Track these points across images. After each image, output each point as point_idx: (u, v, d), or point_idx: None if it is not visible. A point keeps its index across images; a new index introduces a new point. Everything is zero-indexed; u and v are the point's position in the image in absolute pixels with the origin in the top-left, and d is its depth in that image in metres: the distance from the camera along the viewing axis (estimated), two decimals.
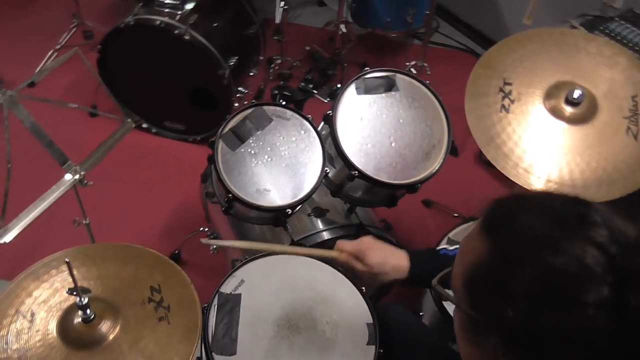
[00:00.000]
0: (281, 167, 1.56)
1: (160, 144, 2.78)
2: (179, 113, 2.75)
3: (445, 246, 1.28)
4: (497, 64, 1.68)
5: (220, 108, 2.59)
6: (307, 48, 3.14)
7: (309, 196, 1.54)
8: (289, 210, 1.53)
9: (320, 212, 1.84)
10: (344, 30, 2.95)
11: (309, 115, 1.62)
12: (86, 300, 1.04)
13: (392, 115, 1.67)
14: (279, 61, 3.07)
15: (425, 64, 2.88)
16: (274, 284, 1.42)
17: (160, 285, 1.17)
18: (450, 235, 1.72)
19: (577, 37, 1.75)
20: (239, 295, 1.39)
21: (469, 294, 0.68)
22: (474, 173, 2.58)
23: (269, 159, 1.56)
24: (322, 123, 1.66)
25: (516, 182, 1.54)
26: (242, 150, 1.55)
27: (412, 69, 2.95)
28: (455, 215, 2.41)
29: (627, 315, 0.55)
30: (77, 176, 1.39)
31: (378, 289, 1.84)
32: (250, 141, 1.56)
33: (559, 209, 0.65)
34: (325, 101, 2.12)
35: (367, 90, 1.67)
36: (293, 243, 1.73)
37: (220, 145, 1.53)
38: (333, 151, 1.64)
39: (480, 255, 0.67)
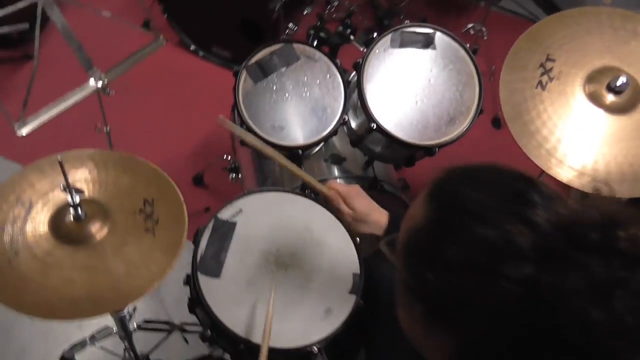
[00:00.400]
0: (300, 107, 1.56)
1: (205, 68, 2.81)
2: (228, 41, 2.75)
3: None
4: (544, 38, 1.60)
5: (267, 41, 2.57)
6: None
7: (321, 140, 1.54)
8: (300, 151, 1.53)
9: (337, 159, 1.84)
10: None
11: (338, 61, 1.59)
12: (77, 199, 1.09)
13: (423, 74, 1.62)
14: (336, 3, 3.00)
15: (484, 29, 2.76)
16: (270, 219, 1.44)
17: (154, 200, 1.21)
18: None
19: (638, 24, 1.63)
20: (234, 223, 1.43)
21: (404, 257, 0.68)
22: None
23: (289, 98, 1.56)
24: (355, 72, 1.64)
25: (535, 162, 1.49)
26: (264, 84, 1.55)
27: (471, 31, 2.83)
28: None
29: (538, 293, 0.55)
30: (100, 83, 1.43)
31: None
32: (274, 77, 1.56)
33: (503, 184, 0.64)
34: (361, 49, 2.07)
35: (403, 43, 1.62)
36: (303, 186, 1.75)
37: (244, 76, 1.54)
38: (358, 101, 1.62)
39: (420, 220, 0.67)
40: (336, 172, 1.85)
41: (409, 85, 1.61)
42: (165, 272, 1.11)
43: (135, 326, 1.59)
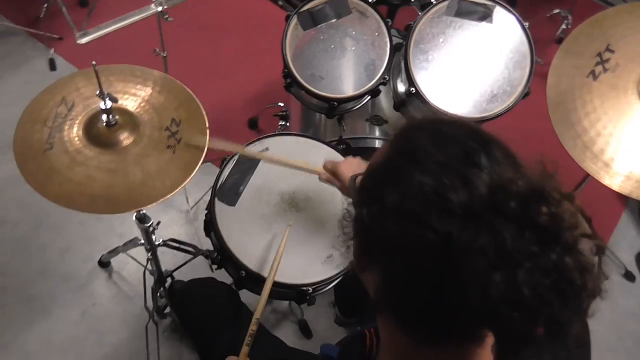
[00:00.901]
0: (342, 60, 1.59)
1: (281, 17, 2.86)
2: None
3: None
4: (608, 26, 1.53)
5: None
6: None
7: (356, 97, 1.57)
8: (335, 103, 1.57)
9: (378, 121, 1.86)
10: None
11: (389, 20, 1.60)
12: (109, 105, 1.19)
13: (474, 46, 1.60)
14: None
15: (570, 16, 2.63)
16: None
17: (182, 121, 1.29)
18: None
19: None
20: (258, 160, 1.50)
21: (356, 193, 0.72)
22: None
23: (334, 49, 1.59)
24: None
25: (569, 152, 1.45)
26: (313, 32, 1.59)
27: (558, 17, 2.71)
28: None
29: (451, 248, 0.57)
30: (159, 7, 1.52)
31: None
32: (323, 26, 1.59)
33: (458, 141, 0.65)
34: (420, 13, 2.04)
35: (459, 12, 1.60)
36: (340, 140, 1.79)
37: (294, 22, 1.58)
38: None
39: (377, 160, 0.70)
40: (377, 133, 1.87)
41: (457, 55, 1.59)
42: (175, 188, 1.19)
43: (161, 241, 1.71)
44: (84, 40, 1.41)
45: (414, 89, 1.56)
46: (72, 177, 1.18)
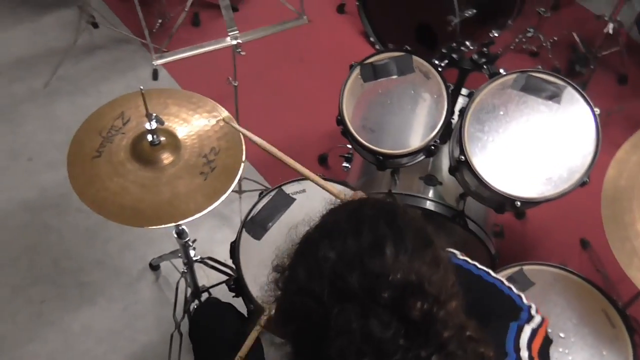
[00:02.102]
0: (396, 116, 1.60)
1: None
2: (404, 41, 2.79)
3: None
4: None
5: (439, 52, 2.60)
6: (567, 33, 2.88)
7: (402, 155, 1.56)
8: (381, 157, 1.57)
9: (432, 181, 1.83)
10: (610, 31, 2.61)
11: (451, 85, 1.58)
12: (154, 126, 1.29)
13: (535, 124, 1.54)
14: (529, 34, 2.89)
15: None
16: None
17: (220, 151, 1.37)
18: (525, 268, 1.57)
19: None
20: (294, 199, 1.54)
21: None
22: None
23: (390, 105, 1.60)
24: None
25: (615, 254, 1.35)
26: (372, 85, 1.61)
27: None
28: None
29: (331, 327, 0.60)
30: (234, 41, 1.62)
31: None
32: (383, 80, 1.61)
33: (371, 224, 0.67)
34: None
35: (526, 88, 1.55)
36: (389, 193, 1.78)
37: (356, 72, 1.62)
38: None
39: None
40: (430, 193, 1.84)
41: (516, 131, 1.54)
42: (196, 214, 1.26)
43: (199, 257, 1.79)
44: (159, 62, 1.54)
45: (463, 157, 1.53)
46: (110, 186, 1.28)
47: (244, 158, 1.37)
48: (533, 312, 0.99)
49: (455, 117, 1.67)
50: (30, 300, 2.07)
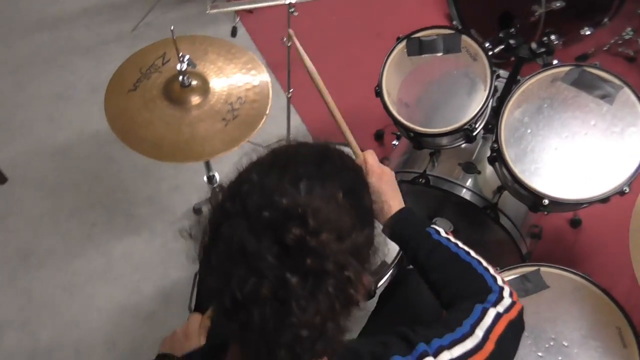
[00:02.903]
0: (434, 95, 1.56)
1: None
2: (486, 28, 2.71)
3: (446, 236, 1.14)
4: None
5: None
6: None
7: (430, 135, 1.53)
8: (412, 133, 1.55)
9: (470, 168, 1.77)
10: None
11: (498, 71, 1.52)
12: (184, 68, 1.35)
13: (580, 123, 1.44)
14: (627, 37, 2.69)
15: None
16: None
17: (246, 102, 1.40)
18: (543, 270, 1.48)
19: None
20: None
21: None
22: None
23: (430, 82, 1.57)
24: None
25: None
26: (414, 60, 1.58)
27: None
28: None
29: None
30: (287, 0, 1.64)
31: None
32: (427, 57, 1.57)
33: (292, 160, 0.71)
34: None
35: (577, 82, 1.46)
36: (423, 174, 1.75)
37: (402, 45, 1.59)
38: None
39: None
40: (468, 182, 1.78)
41: (558, 126, 1.45)
42: (205, 157, 1.31)
43: None
44: (213, 11, 1.59)
45: (496, 145, 1.47)
46: (137, 118, 1.37)
47: (267, 111, 1.39)
48: (505, 294, 0.96)
49: None
50: (83, 222, 2.25)
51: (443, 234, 1.09)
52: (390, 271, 1.48)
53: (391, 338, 0.84)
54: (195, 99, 1.40)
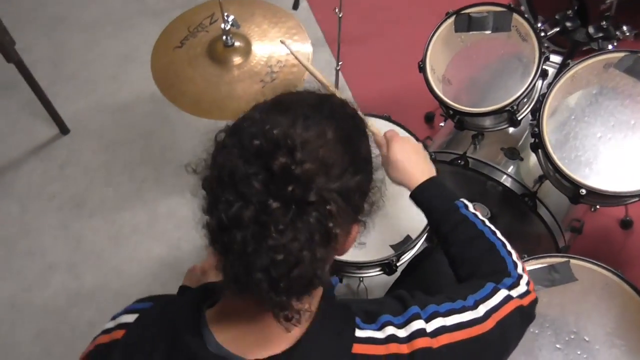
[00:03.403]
0: (478, 73, 1.53)
1: None
2: (554, 13, 2.61)
3: (481, 218, 1.11)
4: None
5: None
6: None
7: (471, 114, 1.50)
8: (451, 110, 1.52)
9: (512, 154, 1.72)
10: None
11: (547, 53, 1.46)
12: (228, 27, 1.38)
13: (630, 111, 1.38)
14: None
15: None
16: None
17: (285, 66, 1.43)
18: (573, 262, 1.42)
19: None
20: None
21: None
22: None
23: (476, 59, 1.54)
24: None
25: None
26: (461, 36, 1.55)
27: None
28: None
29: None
30: None
31: None
32: (475, 34, 1.53)
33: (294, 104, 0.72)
34: None
35: (631, 70, 1.38)
36: (462, 155, 1.71)
37: (451, 20, 1.55)
38: None
39: None
40: (509, 168, 1.73)
41: (605, 114, 1.39)
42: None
43: None
44: None
45: (537, 129, 1.42)
46: (180, 72, 1.42)
47: (305, 77, 1.41)
48: (522, 281, 0.94)
49: None
50: (134, 177, 2.35)
51: (471, 209, 1.06)
52: (415, 246, 1.47)
53: (388, 299, 0.85)
54: (236, 59, 1.43)
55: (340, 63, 2.02)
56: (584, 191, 1.37)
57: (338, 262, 1.42)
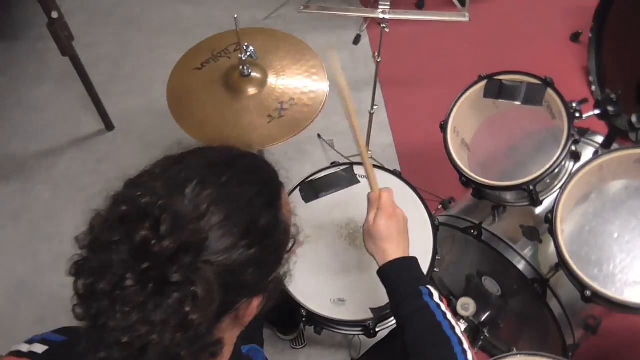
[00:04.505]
0: (499, 143, 1.45)
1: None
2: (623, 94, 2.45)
3: (438, 303, 1.03)
4: None
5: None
6: None
7: (487, 187, 1.40)
8: (464, 178, 1.43)
9: (531, 234, 1.60)
10: None
11: (574, 135, 1.35)
12: (245, 57, 1.37)
13: None
14: None
15: None
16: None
17: (297, 105, 1.39)
18: None
19: None
20: (359, 182, 1.50)
21: None
22: None
23: (499, 129, 1.45)
24: None
25: None
26: (489, 102, 1.46)
27: None
28: None
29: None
30: (380, 15, 1.60)
31: None
32: (505, 102, 1.45)
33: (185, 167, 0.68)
34: None
35: None
36: (477, 225, 1.61)
37: (481, 85, 1.47)
38: None
39: None
40: (525, 250, 1.60)
41: (627, 214, 1.27)
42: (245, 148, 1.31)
43: None
44: (304, 11, 1.61)
45: (551, 215, 1.31)
46: (192, 94, 1.43)
47: (313, 118, 1.38)
48: None
49: None
50: None
51: (436, 298, 1.01)
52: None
53: None
54: (250, 90, 1.42)
55: (375, 107, 1.98)
56: (589, 292, 1.25)
57: (315, 315, 1.36)
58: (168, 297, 0.57)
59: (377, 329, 1.38)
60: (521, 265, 1.56)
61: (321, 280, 1.38)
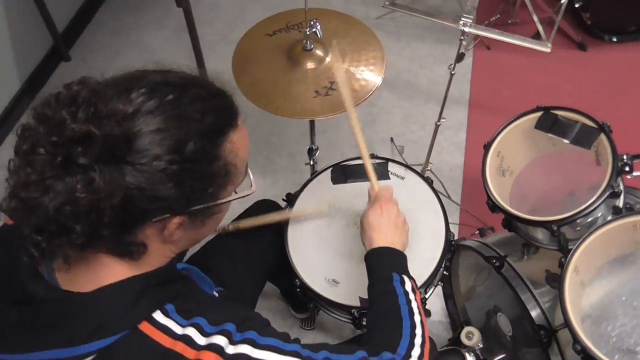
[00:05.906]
0: (538, 178, 1.40)
1: None
2: None
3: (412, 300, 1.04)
4: None
5: None
6: None
7: (519, 219, 1.37)
8: (490, 202, 1.41)
9: (553, 281, 1.51)
10: None
11: (618, 185, 1.28)
12: (310, 32, 1.44)
13: None
14: None
15: None
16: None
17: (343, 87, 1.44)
18: None
19: None
20: (389, 178, 1.53)
21: None
22: None
23: (540, 163, 1.40)
24: None
25: None
26: (540, 134, 1.42)
27: None
28: None
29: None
30: (461, 27, 1.60)
31: None
32: (553, 137, 1.40)
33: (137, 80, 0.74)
34: None
35: None
36: (501, 257, 1.56)
37: (534, 115, 1.43)
38: None
39: None
40: (544, 298, 1.53)
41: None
42: (278, 113, 1.42)
43: None
44: (388, 6, 1.65)
45: (564, 259, 1.26)
46: (256, 56, 1.52)
47: (356, 105, 1.41)
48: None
49: None
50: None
51: (407, 286, 1.05)
52: None
53: (240, 309, 0.87)
54: (308, 64, 1.48)
55: (443, 119, 1.97)
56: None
57: (307, 288, 1.41)
58: (71, 175, 0.64)
59: (363, 322, 1.40)
60: (535, 312, 1.50)
61: (323, 258, 1.42)
